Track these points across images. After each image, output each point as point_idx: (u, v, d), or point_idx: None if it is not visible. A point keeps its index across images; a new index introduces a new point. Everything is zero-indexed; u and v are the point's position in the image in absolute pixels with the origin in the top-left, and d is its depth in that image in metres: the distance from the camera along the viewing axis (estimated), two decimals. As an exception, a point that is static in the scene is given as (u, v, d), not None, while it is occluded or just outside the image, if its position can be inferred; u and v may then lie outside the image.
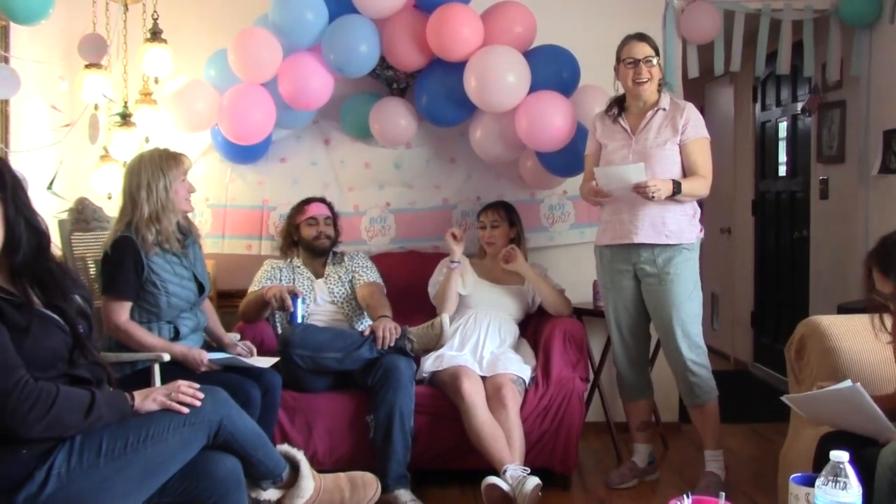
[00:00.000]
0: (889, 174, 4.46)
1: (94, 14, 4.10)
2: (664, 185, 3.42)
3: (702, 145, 3.59)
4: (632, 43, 3.61)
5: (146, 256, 3.24)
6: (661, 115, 3.60)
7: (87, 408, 2.14)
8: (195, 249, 3.47)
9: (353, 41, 3.96)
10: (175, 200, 3.29)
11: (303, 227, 4.09)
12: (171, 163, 3.31)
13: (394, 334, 3.65)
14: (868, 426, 2.51)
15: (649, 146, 3.56)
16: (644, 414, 3.86)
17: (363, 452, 3.60)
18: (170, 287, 3.28)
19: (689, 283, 3.57)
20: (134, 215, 3.25)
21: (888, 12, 4.45)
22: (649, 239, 3.55)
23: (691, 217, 3.61)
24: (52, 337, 2.19)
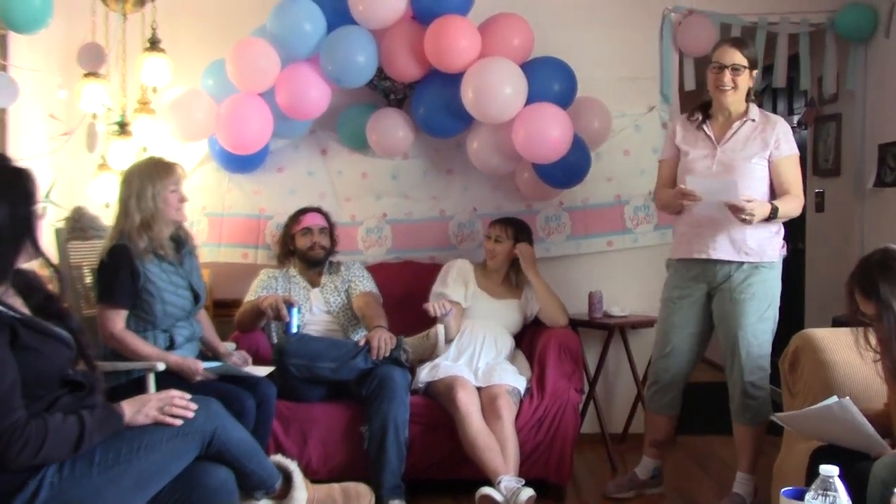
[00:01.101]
0: (884, 188, 4.48)
1: (93, 23, 4.11)
2: (761, 208, 3.27)
3: (793, 162, 3.44)
4: (723, 47, 3.45)
5: (141, 264, 3.24)
6: (748, 127, 3.45)
7: (77, 439, 2.13)
8: (191, 259, 3.47)
9: (350, 52, 3.97)
10: (164, 209, 3.28)
11: (298, 238, 4.09)
12: (160, 172, 3.31)
13: (389, 344, 3.65)
14: (859, 441, 2.52)
15: (735, 158, 3.41)
16: (663, 431, 3.72)
17: (357, 463, 3.60)
18: (165, 295, 3.28)
19: (763, 302, 3.41)
20: (126, 223, 3.26)
21: (883, 27, 4.48)
22: (728, 256, 3.41)
23: (774, 234, 3.45)
24: (58, 354, 2.20)
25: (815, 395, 3.02)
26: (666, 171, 3.65)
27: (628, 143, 4.60)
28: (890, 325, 2.49)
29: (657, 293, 4.35)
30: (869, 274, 2.54)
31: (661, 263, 4.50)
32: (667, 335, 3.63)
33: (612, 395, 4.68)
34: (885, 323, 2.51)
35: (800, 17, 4.66)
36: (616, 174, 4.59)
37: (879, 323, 2.53)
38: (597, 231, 4.61)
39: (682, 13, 4.62)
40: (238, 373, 3.39)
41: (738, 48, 3.43)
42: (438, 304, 3.83)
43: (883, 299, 2.49)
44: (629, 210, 4.62)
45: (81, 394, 2.25)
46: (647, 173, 4.51)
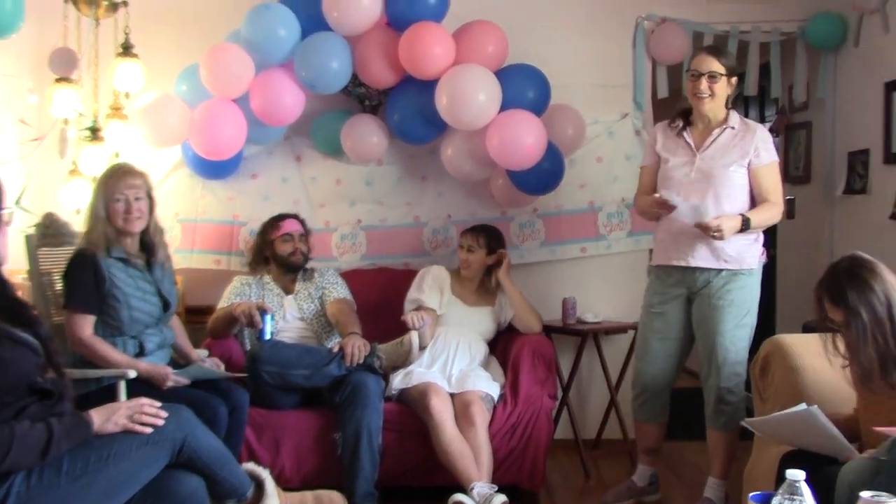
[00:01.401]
0: (853, 195, 4.54)
1: (65, 28, 4.08)
2: (730, 223, 3.29)
3: (773, 170, 3.44)
4: (700, 55, 3.46)
5: (107, 269, 3.21)
6: (728, 134, 3.45)
7: (44, 447, 2.11)
8: (161, 268, 3.43)
9: (325, 58, 3.97)
10: (112, 218, 3.25)
11: (278, 244, 4.07)
12: (108, 180, 3.29)
13: (363, 351, 3.65)
14: (827, 446, 2.54)
15: (714, 166, 3.41)
16: (654, 439, 3.71)
17: (331, 470, 3.58)
18: (132, 301, 3.25)
19: (741, 309, 3.41)
20: (89, 229, 3.26)
21: (853, 36, 4.54)
22: (706, 263, 3.42)
23: (753, 241, 3.45)
24: (24, 361, 2.18)
25: (784, 401, 3.04)
26: (646, 177, 3.67)
27: (602, 150, 4.63)
28: (857, 332, 2.52)
29: (631, 299, 4.39)
30: (837, 281, 2.56)
31: (634, 270, 4.57)
32: (647, 342, 3.64)
33: (585, 401, 4.70)
34: (852, 330, 2.53)
35: (771, 26, 4.71)
36: (589, 181, 4.62)
37: (847, 329, 2.56)
38: (570, 237, 4.63)
39: (655, 21, 4.66)
40: (210, 375, 3.37)
41: (715, 56, 3.44)
42: (417, 318, 3.83)
43: (851, 306, 2.51)
44: (603, 217, 4.64)
45: (50, 402, 2.22)
46: (621, 180, 4.55)
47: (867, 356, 2.53)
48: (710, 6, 4.70)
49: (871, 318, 2.49)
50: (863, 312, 2.50)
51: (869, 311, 2.49)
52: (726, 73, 3.44)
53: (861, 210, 4.49)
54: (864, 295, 2.50)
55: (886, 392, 2.57)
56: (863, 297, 2.50)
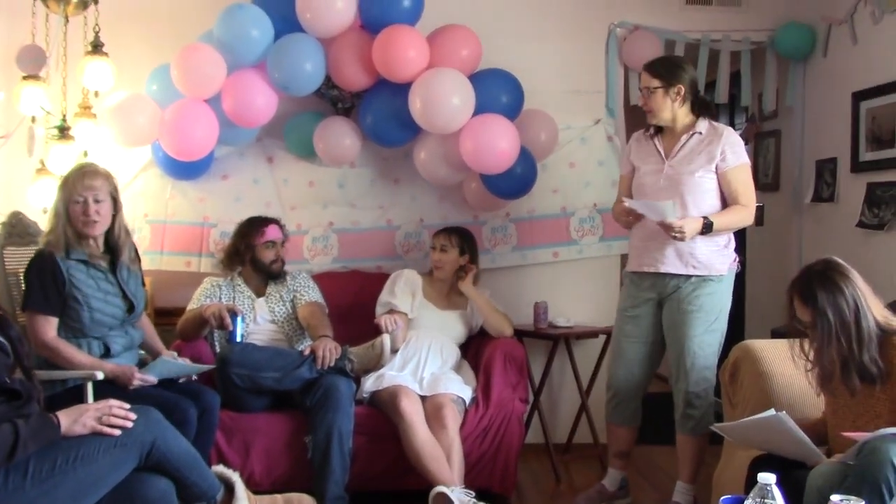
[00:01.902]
0: (821, 202, 4.60)
1: (33, 25, 4.03)
2: (692, 225, 3.30)
3: (742, 172, 3.43)
4: (642, 72, 3.55)
5: (66, 271, 3.16)
6: (695, 140, 3.46)
7: (10, 450, 2.09)
8: (128, 270, 3.36)
9: (298, 60, 3.95)
10: (72, 220, 3.19)
11: (260, 250, 4.02)
12: (68, 182, 3.23)
13: (334, 354, 3.63)
14: (796, 451, 2.58)
15: (681, 172, 3.43)
16: (626, 443, 3.72)
17: (301, 473, 3.56)
18: (92, 302, 3.19)
19: (710, 315, 3.43)
20: (51, 230, 3.21)
21: (821, 46, 4.61)
22: (675, 269, 3.44)
23: (722, 248, 3.47)
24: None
25: (754, 406, 3.08)
26: (623, 186, 3.71)
27: (574, 156, 4.65)
28: (822, 333, 2.57)
29: (602, 304, 4.42)
30: (808, 282, 2.61)
31: (606, 275, 4.59)
32: (620, 345, 3.67)
33: (556, 405, 4.71)
34: (818, 331, 2.58)
35: (741, 35, 4.76)
36: (562, 186, 4.64)
37: (813, 330, 2.60)
38: (542, 242, 4.64)
39: (627, 28, 4.69)
40: (177, 370, 3.31)
41: (648, 71, 3.52)
42: (390, 321, 3.83)
43: (819, 307, 2.56)
44: (574, 221, 4.66)
45: (18, 403, 2.19)
46: (592, 185, 4.58)
47: (829, 358, 2.58)
48: (681, 14, 4.76)
49: (837, 321, 2.54)
50: (829, 314, 2.54)
51: (836, 314, 2.54)
52: (662, 84, 3.47)
53: (829, 218, 4.55)
54: (832, 297, 2.55)
55: (846, 395, 2.61)
56: (831, 298, 2.55)
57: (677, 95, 3.47)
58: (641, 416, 3.72)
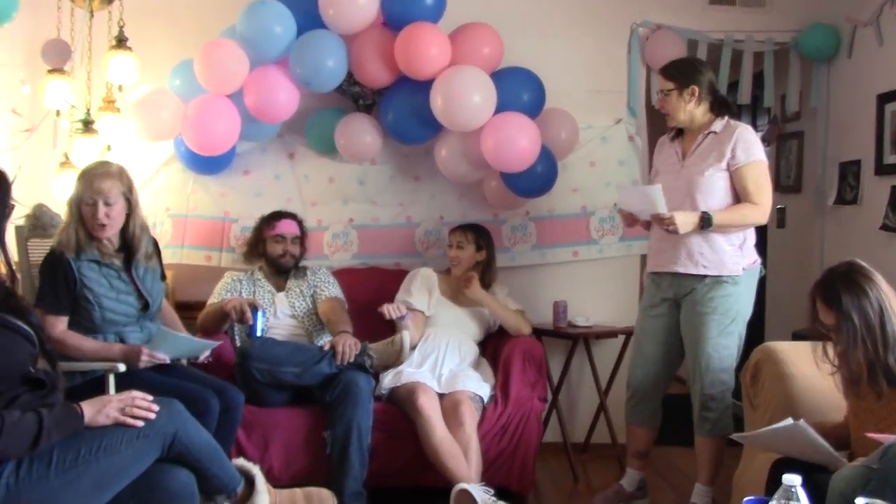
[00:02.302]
0: (844, 205, 4.56)
1: (58, 19, 4.06)
2: (686, 219, 3.28)
3: (754, 169, 3.38)
4: (658, 75, 3.60)
5: (78, 270, 3.14)
6: (710, 140, 3.45)
7: (34, 437, 2.11)
8: (144, 266, 3.33)
9: (320, 56, 3.96)
10: (84, 219, 3.17)
11: (269, 242, 4.05)
12: (80, 182, 3.19)
13: (353, 350, 3.63)
14: (817, 457, 2.56)
15: (693, 172, 3.42)
16: (645, 443, 3.71)
17: (320, 468, 3.56)
18: (104, 301, 3.17)
19: (725, 317, 3.39)
20: (64, 227, 3.20)
21: (846, 48, 4.57)
22: (685, 269, 3.42)
23: (737, 247, 3.42)
24: (19, 350, 2.20)
25: (775, 408, 3.06)
26: None
27: (595, 155, 4.64)
28: (848, 337, 2.54)
29: (622, 304, 4.40)
30: (832, 284, 2.59)
31: (625, 274, 4.58)
32: (641, 345, 3.67)
33: (574, 404, 4.70)
34: (843, 334, 2.56)
35: (765, 35, 4.73)
36: (582, 185, 4.63)
37: (838, 333, 2.58)
38: (562, 241, 4.63)
39: (650, 28, 4.67)
40: (190, 348, 3.31)
41: (661, 74, 3.55)
42: (394, 308, 3.82)
43: (843, 310, 2.54)
44: (595, 221, 4.65)
45: (41, 392, 2.21)
46: (613, 185, 4.56)
47: (856, 361, 2.56)
48: (704, 14, 4.73)
49: (862, 324, 2.52)
50: (855, 317, 2.52)
51: (861, 317, 2.52)
52: (675, 87, 3.47)
53: (852, 220, 4.52)
54: (857, 300, 2.53)
55: (872, 398, 2.59)
56: (856, 301, 2.53)
57: (692, 97, 3.46)
58: (661, 416, 3.71)
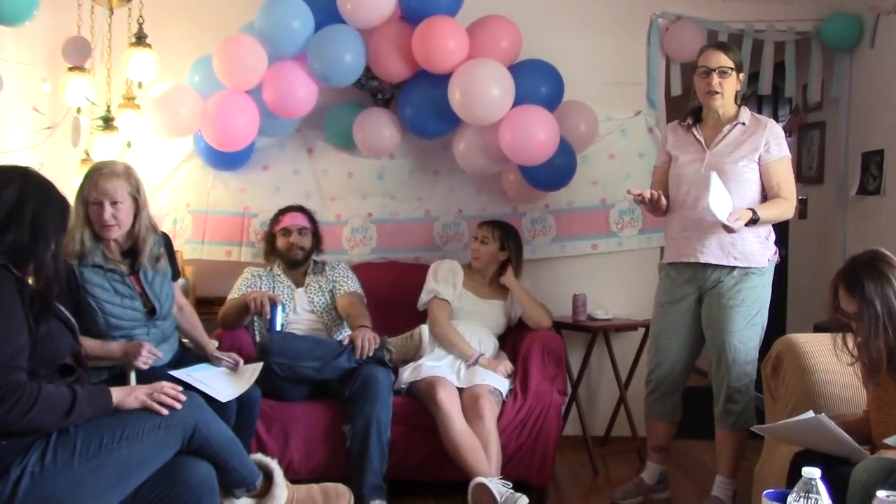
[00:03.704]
0: (867, 195, 4.52)
1: (78, 17, 4.09)
2: (741, 217, 3.26)
3: (784, 165, 3.42)
4: (708, 51, 3.46)
5: (81, 276, 3.07)
6: (738, 130, 3.44)
7: (68, 408, 2.17)
8: (152, 270, 3.24)
9: (338, 51, 3.96)
10: (90, 220, 3.09)
11: (278, 238, 4.07)
12: (85, 182, 3.13)
13: (373, 344, 3.64)
14: (839, 450, 2.55)
15: (724, 162, 3.40)
16: (665, 437, 3.71)
17: (339, 462, 3.59)
18: (106, 307, 3.10)
19: (752, 309, 3.40)
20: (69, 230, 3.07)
21: (868, 36, 4.52)
22: (716, 260, 3.40)
23: (764, 239, 3.44)
24: (64, 339, 2.30)
25: (796, 400, 3.05)
26: (658, 176, 3.67)
27: (614, 147, 4.62)
28: (869, 323, 2.54)
29: (641, 297, 4.38)
30: (855, 271, 2.59)
31: (645, 267, 4.56)
32: (659, 340, 3.63)
33: (594, 398, 4.69)
34: (864, 320, 2.55)
35: (786, 25, 4.69)
36: (601, 178, 4.61)
37: (859, 321, 2.57)
38: (582, 234, 4.62)
39: (669, 19, 4.64)
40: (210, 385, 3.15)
41: (724, 51, 3.44)
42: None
43: (866, 297, 2.53)
44: (614, 213, 4.63)
45: (70, 378, 2.30)
46: (633, 177, 4.53)
47: (876, 348, 2.56)
48: (725, 4, 4.69)
49: (884, 311, 2.53)
50: (877, 303, 2.52)
51: (883, 304, 2.52)
52: (735, 67, 3.44)
53: (874, 211, 4.47)
54: (880, 287, 2.53)
55: (892, 387, 2.58)
56: (879, 288, 2.53)
57: (739, 82, 3.46)
58: (681, 410, 3.69)
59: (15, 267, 2.20)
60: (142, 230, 3.19)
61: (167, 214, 4.46)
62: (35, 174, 2.32)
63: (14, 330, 2.11)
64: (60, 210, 2.33)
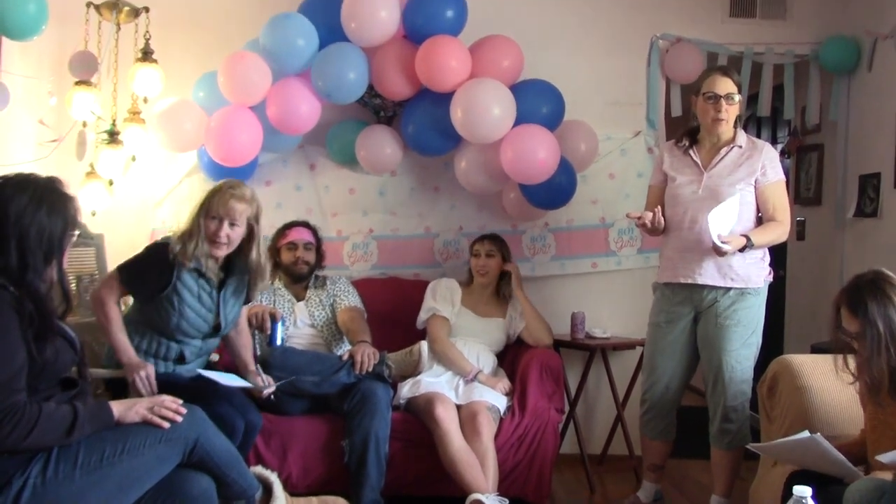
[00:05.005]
0: (864, 218, 4.55)
1: (86, 32, 4.14)
2: (735, 244, 3.29)
3: (780, 188, 3.46)
4: (714, 76, 3.46)
5: (178, 275, 3.18)
6: (735, 153, 3.46)
7: (69, 427, 2.18)
8: (234, 295, 3.35)
9: (342, 69, 4.01)
10: (206, 232, 3.17)
11: (283, 252, 4.10)
12: (213, 196, 3.20)
13: (372, 359, 3.66)
14: (833, 470, 2.56)
15: (721, 184, 3.43)
16: (660, 456, 3.71)
17: (337, 477, 3.60)
18: (185, 310, 3.20)
19: (747, 329, 3.42)
20: (183, 235, 3.21)
21: (866, 61, 4.57)
22: (713, 281, 3.42)
23: (759, 260, 3.47)
24: (66, 355, 2.30)
25: (792, 420, 3.06)
26: (653, 196, 3.69)
27: (614, 167, 4.66)
28: (872, 343, 2.55)
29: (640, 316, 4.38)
30: (858, 291, 2.60)
31: (644, 286, 4.56)
32: (654, 360, 3.64)
33: (592, 416, 4.71)
34: (867, 340, 2.56)
35: (785, 48, 4.74)
36: (601, 197, 4.65)
37: (862, 341, 2.58)
38: (581, 252, 4.66)
39: (669, 41, 4.69)
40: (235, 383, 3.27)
41: (730, 76, 3.46)
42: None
43: (869, 317, 2.54)
44: (613, 233, 4.67)
45: (71, 392, 2.30)
46: (632, 197, 4.57)
47: (878, 368, 2.56)
48: (724, 27, 4.74)
49: (886, 331, 2.53)
50: (879, 324, 2.53)
51: (886, 324, 2.53)
52: (739, 93, 3.47)
53: (871, 233, 4.51)
54: (882, 307, 2.54)
55: (892, 407, 2.59)
56: (881, 309, 2.54)
57: (740, 107, 3.49)
58: (676, 429, 3.71)
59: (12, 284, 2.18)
60: (260, 258, 3.30)
61: (170, 228, 4.48)
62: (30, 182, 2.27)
63: (11, 351, 2.10)
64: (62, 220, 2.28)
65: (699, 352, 3.56)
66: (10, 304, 2.14)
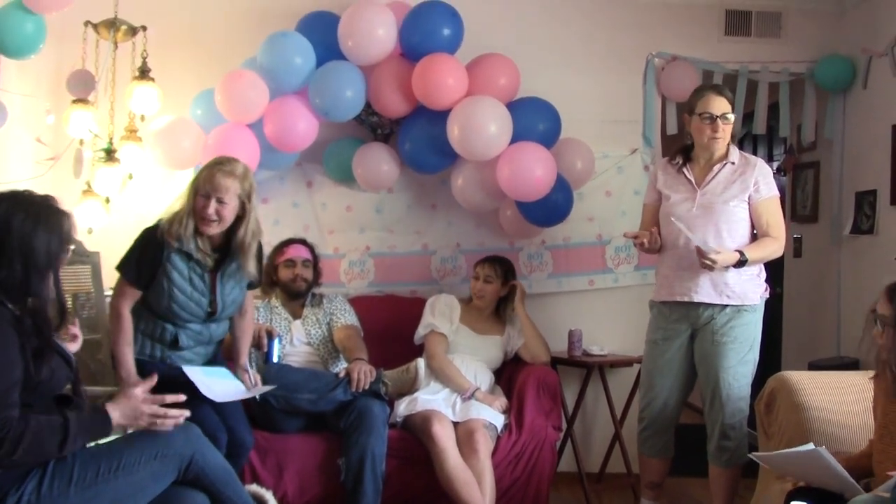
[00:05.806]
0: (860, 234, 4.56)
1: (83, 50, 4.14)
2: (726, 258, 3.29)
3: (773, 204, 3.46)
4: (709, 96, 3.46)
5: (168, 256, 3.16)
6: (728, 170, 3.47)
7: (61, 441, 2.17)
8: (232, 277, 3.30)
9: (339, 87, 4.02)
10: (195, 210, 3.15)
11: (280, 269, 4.09)
12: (202, 173, 3.19)
13: (369, 377, 3.65)
14: (834, 484, 2.55)
15: (715, 201, 3.44)
16: (658, 474, 3.69)
17: (333, 495, 3.58)
18: (175, 293, 3.18)
19: (744, 346, 3.42)
20: (172, 214, 3.19)
21: (861, 78, 4.59)
22: (709, 299, 3.42)
23: (755, 276, 3.47)
24: (61, 371, 2.30)
25: (790, 437, 3.06)
26: (648, 214, 3.69)
27: (610, 185, 4.67)
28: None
29: (637, 333, 4.38)
30: None
31: (641, 304, 4.54)
32: (652, 378, 3.62)
33: (589, 433, 4.69)
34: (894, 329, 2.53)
35: (780, 66, 4.76)
36: (598, 214, 4.65)
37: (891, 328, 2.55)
38: (578, 270, 4.66)
39: (665, 59, 4.71)
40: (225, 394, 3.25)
41: (723, 95, 3.47)
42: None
43: None
44: (610, 250, 4.67)
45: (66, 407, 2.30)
46: (629, 214, 4.58)
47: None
48: (720, 45, 4.77)
49: None
50: None
51: None
52: (733, 111, 3.49)
53: (868, 250, 4.51)
54: None
55: None
56: None
57: (734, 125, 3.51)
58: (674, 446, 3.70)
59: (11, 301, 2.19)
60: (247, 236, 3.23)
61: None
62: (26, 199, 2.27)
63: (9, 366, 2.10)
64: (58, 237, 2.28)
65: (696, 369, 3.55)
66: (9, 321, 2.15)
